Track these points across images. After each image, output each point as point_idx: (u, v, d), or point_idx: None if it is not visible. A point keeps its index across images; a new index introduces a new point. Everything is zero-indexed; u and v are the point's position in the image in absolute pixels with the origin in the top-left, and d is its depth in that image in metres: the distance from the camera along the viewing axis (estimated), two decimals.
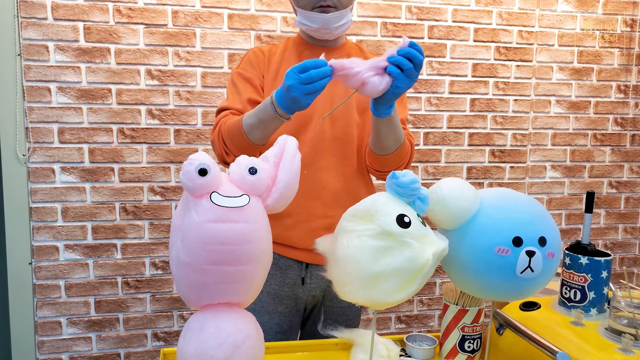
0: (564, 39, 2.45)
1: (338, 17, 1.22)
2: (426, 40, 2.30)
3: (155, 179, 2.12)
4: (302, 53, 1.29)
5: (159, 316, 2.19)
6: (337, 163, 1.27)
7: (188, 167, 0.72)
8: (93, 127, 2.05)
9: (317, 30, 1.24)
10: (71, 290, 2.10)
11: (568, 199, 2.57)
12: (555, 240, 0.85)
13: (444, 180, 0.87)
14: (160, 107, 2.09)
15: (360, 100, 1.27)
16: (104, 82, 2.03)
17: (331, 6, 1.20)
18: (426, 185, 0.82)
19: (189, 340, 0.76)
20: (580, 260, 1.02)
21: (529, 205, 0.88)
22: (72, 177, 2.05)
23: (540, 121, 2.49)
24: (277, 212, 0.82)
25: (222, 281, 0.74)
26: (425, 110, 2.35)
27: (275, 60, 1.29)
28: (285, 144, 0.81)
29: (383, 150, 1.21)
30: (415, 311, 2.47)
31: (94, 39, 2.00)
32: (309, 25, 1.22)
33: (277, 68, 1.28)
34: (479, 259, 0.84)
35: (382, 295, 0.77)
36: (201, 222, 0.71)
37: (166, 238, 2.15)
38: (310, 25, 1.22)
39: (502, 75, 2.41)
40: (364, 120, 1.29)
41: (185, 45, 2.08)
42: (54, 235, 2.06)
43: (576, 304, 1.03)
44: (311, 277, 1.30)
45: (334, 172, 1.26)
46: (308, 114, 1.22)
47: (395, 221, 0.76)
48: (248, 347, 0.76)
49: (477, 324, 1.02)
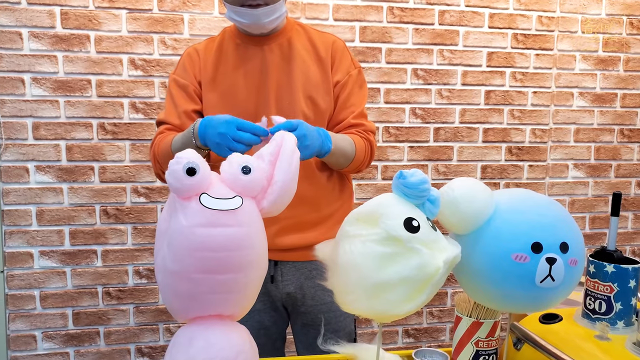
0: (587, 25, 2.45)
1: (269, 12, 1.25)
2: (437, 27, 2.30)
3: (139, 178, 2.12)
4: (238, 47, 1.34)
5: (143, 329, 2.19)
6: None
7: (175, 166, 0.72)
8: (71, 122, 2.05)
9: (248, 26, 1.28)
10: (47, 301, 2.10)
11: (592, 201, 2.57)
12: (578, 246, 0.85)
13: (456, 181, 0.87)
14: (144, 100, 2.09)
15: (306, 87, 1.32)
16: (83, 72, 2.03)
17: (260, 4, 1.23)
18: (437, 185, 0.82)
19: (176, 355, 0.76)
20: (605, 268, 1.02)
21: (549, 207, 0.88)
22: (47, 177, 2.05)
23: (562, 115, 2.49)
24: (273, 215, 0.82)
25: (212, 291, 0.74)
26: (435, 104, 2.35)
27: (211, 60, 1.34)
28: (282, 141, 0.82)
29: (338, 167, 1.34)
30: (425, 324, 2.47)
31: (72, 25, 2.00)
32: (240, 20, 1.26)
33: (214, 69, 1.33)
34: (494, 266, 0.84)
35: (388, 307, 0.77)
36: (190, 227, 0.72)
37: (151, 244, 2.15)
38: (241, 21, 1.26)
39: (520, 65, 2.41)
40: (315, 106, 1.33)
41: (172, 32, 2.08)
42: (28, 241, 2.06)
43: (601, 316, 1.03)
44: (282, 275, 1.37)
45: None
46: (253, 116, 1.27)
47: (403, 225, 0.76)
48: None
49: (492, 338, 1.03)
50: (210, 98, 1.33)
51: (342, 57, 1.37)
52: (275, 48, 1.33)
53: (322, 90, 1.33)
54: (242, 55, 1.33)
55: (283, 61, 1.33)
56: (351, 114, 1.36)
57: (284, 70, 1.32)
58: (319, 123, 1.32)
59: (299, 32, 1.37)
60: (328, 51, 1.36)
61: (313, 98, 1.32)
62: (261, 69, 1.32)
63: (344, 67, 1.36)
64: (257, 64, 1.32)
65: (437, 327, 2.48)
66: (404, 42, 2.28)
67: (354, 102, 1.37)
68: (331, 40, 1.38)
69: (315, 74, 1.33)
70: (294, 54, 1.33)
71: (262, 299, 1.37)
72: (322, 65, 1.35)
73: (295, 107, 1.31)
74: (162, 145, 1.28)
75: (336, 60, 1.36)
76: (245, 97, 1.31)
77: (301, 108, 1.31)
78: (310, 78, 1.33)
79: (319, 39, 1.37)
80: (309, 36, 1.37)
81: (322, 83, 1.34)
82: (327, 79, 1.34)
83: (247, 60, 1.33)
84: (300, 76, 1.32)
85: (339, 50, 1.37)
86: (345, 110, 1.36)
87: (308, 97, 1.32)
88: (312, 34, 1.38)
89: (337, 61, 1.36)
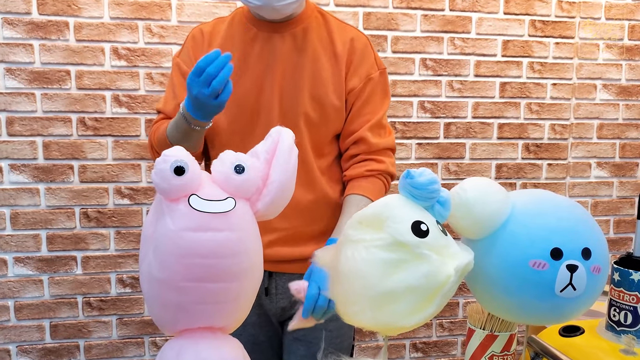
0: (612, 11, 2.45)
1: None
2: (447, 13, 2.30)
3: (123, 178, 2.12)
4: (247, 32, 1.30)
5: (127, 343, 2.19)
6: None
7: (162, 165, 0.72)
8: (48, 117, 2.05)
9: (260, 9, 1.23)
10: (22, 312, 2.10)
11: (617, 203, 2.57)
12: (601, 252, 0.85)
13: (468, 181, 0.87)
14: (128, 93, 2.09)
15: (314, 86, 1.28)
16: (62, 62, 2.03)
17: None
18: (447, 186, 0.82)
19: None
20: (631, 277, 1.02)
21: (570, 210, 0.88)
22: (22, 177, 2.05)
23: (584, 110, 2.49)
24: (269, 218, 0.82)
25: (202, 301, 0.74)
26: (445, 97, 2.35)
27: (217, 42, 1.31)
28: (279, 137, 0.82)
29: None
30: (434, 337, 2.47)
31: (49, 12, 2.00)
32: (253, 2, 1.21)
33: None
34: (510, 274, 0.84)
35: (394, 318, 0.77)
36: (177, 231, 0.72)
37: (136, 250, 2.15)
38: (254, 2, 1.21)
39: (539, 55, 2.41)
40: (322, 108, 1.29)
41: (158, 18, 2.08)
42: (1, 247, 2.06)
43: (627, 328, 1.03)
44: (276, 287, 1.35)
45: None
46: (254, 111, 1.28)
47: (410, 229, 0.76)
48: None
49: (508, 352, 1.03)
50: None
51: (362, 58, 1.32)
52: (288, 37, 1.29)
53: (332, 91, 1.30)
54: (251, 42, 1.30)
55: (293, 53, 1.29)
56: (365, 124, 1.31)
57: (293, 64, 1.29)
58: (324, 127, 1.31)
59: (318, 21, 1.32)
60: (345, 49, 1.31)
61: (320, 99, 1.29)
62: (268, 59, 1.29)
63: (363, 70, 1.32)
64: (265, 54, 1.29)
65: (447, 340, 2.48)
66: (411, 29, 2.28)
67: (370, 110, 1.32)
68: (350, 36, 1.32)
69: (327, 72, 1.29)
70: (307, 46, 1.29)
71: (257, 311, 1.36)
72: (336, 64, 1.30)
73: (298, 106, 1.28)
74: (159, 135, 1.28)
75: (354, 61, 1.31)
76: (248, 89, 1.29)
77: (304, 109, 1.28)
78: (320, 76, 1.29)
79: (338, 33, 1.32)
80: (329, 27, 1.32)
81: (332, 84, 1.30)
82: (339, 80, 1.30)
83: (254, 48, 1.30)
84: (309, 72, 1.28)
85: (358, 49, 1.32)
86: (359, 118, 1.32)
87: (314, 97, 1.29)
88: (332, 25, 1.33)
89: (356, 62, 1.31)
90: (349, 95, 1.31)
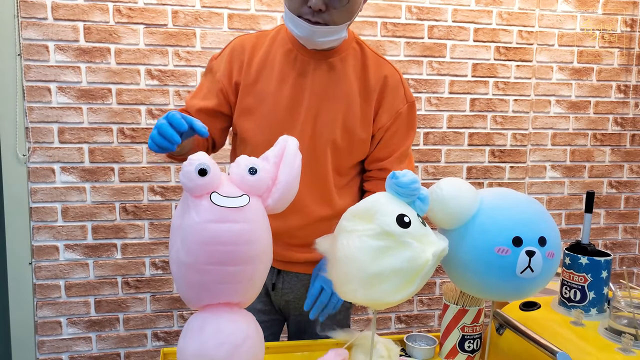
0: (564, 39, 2.45)
1: (326, 33, 1.07)
2: (426, 40, 2.30)
3: (155, 179, 2.12)
4: (290, 52, 1.16)
5: (159, 316, 2.19)
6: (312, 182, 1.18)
7: (188, 167, 0.72)
8: (93, 127, 2.05)
9: (301, 38, 1.10)
10: (71, 290, 2.10)
11: (568, 199, 2.57)
12: (555, 240, 0.85)
13: (444, 180, 0.87)
14: (160, 107, 2.09)
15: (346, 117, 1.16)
16: (104, 82, 2.03)
17: (320, 22, 1.05)
18: (426, 185, 0.82)
19: (189, 340, 0.76)
20: (580, 260, 1.02)
21: (529, 205, 0.88)
22: (72, 177, 2.05)
23: (540, 121, 2.49)
24: (277, 212, 0.82)
25: (222, 281, 0.74)
26: (425, 110, 2.34)
27: (257, 60, 1.17)
28: (285, 144, 0.82)
29: None
30: (415, 311, 2.47)
31: (94, 39, 2.00)
32: (294, 30, 1.09)
33: (259, 70, 1.17)
34: (479, 258, 0.84)
35: (382, 295, 0.77)
36: (201, 222, 0.72)
37: (166, 238, 2.15)
38: (295, 31, 1.09)
39: (502, 75, 2.40)
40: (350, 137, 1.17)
41: (185, 45, 2.08)
42: (54, 235, 2.06)
43: (576, 304, 1.03)
44: (283, 283, 1.27)
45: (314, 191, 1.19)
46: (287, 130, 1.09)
47: (395, 221, 0.76)
48: (248, 347, 0.76)
49: (477, 323, 1.02)
50: (247, 102, 1.17)
51: (394, 95, 1.18)
52: (325, 66, 1.15)
53: (360, 124, 1.17)
54: (291, 63, 1.15)
55: (331, 82, 1.15)
56: (391, 154, 1.20)
57: (329, 93, 1.15)
58: (348, 154, 1.19)
59: (356, 53, 1.18)
60: (377, 86, 1.17)
61: (350, 130, 1.16)
62: (306, 83, 1.15)
63: (393, 107, 1.18)
64: (303, 77, 1.15)
65: (426, 314, 2.48)
66: (396, 54, 2.28)
67: (397, 142, 1.21)
68: (384, 73, 1.18)
69: (357, 105, 1.16)
70: (343, 77, 1.16)
71: (263, 299, 1.29)
72: (367, 99, 1.17)
73: (329, 133, 1.15)
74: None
75: (385, 98, 1.18)
76: (284, 107, 1.15)
77: (334, 136, 1.15)
78: (352, 109, 1.16)
79: (373, 68, 1.18)
80: (365, 60, 1.18)
81: (361, 117, 1.16)
82: (367, 115, 1.17)
83: (294, 69, 1.15)
84: (343, 104, 1.15)
85: (390, 86, 1.18)
86: (386, 149, 1.20)
87: (345, 127, 1.16)
88: (369, 59, 1.19)
89: (387, 100, 1.18)
90: (378, 131, 1.19)
